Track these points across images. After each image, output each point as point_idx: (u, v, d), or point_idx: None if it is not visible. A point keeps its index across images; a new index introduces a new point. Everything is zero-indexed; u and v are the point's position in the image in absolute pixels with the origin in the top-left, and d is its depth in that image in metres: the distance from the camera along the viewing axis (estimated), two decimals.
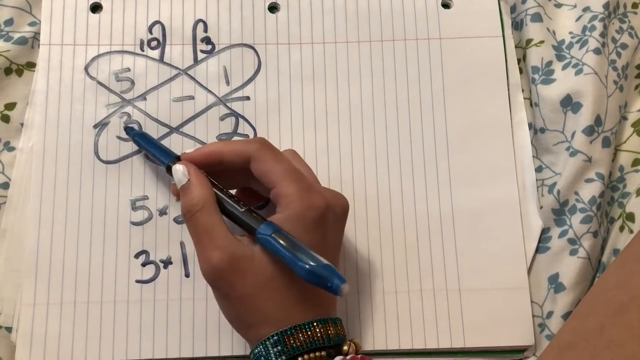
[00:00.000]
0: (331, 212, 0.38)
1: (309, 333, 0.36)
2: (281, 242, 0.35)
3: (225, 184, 0.40)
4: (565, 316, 0.44)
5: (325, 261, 0.34)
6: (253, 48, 0.49)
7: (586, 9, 0.50)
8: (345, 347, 0.37)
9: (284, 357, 0.36)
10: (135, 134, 0.45)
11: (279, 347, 0.36)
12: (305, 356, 0.36)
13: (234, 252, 0.36)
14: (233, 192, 0.42)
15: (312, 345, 0.36)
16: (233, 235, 0.37)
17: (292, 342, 0.36)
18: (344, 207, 0.40)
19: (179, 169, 0.39)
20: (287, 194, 0.37)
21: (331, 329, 0.37)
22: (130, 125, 0.47)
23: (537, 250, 0.46)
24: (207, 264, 0.37)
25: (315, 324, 0.36)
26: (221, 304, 0.39)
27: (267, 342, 0.36)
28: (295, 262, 0.34)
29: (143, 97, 0.48)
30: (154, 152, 0.43)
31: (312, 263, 0.34)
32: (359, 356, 0.36)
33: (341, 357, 0.36)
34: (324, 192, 0.39)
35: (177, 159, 0.41)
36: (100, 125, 0.47)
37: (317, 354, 0.36)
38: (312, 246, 0.36)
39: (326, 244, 0.38)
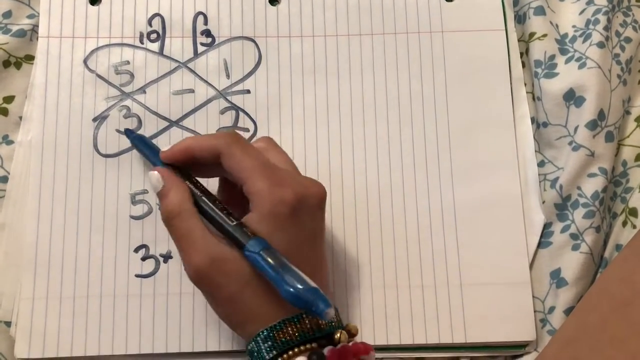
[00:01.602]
0: (304, 204, 0.37)
1: (298, 326, 0.36)
2: (268, 260, 0.35)
3: (206, 175, 0.41)
4: (567, 311, 0.44)
5: (311, 284, 0.34)
6: (253, 41, 0.49)
7: (590, 2, 0.50)
8: (337, 336, 0.36)
9: (274, 352, 0.35)
10: (134, 137, 0.45)
11: (269, 343, 0.36)
12: (296, 349, 0.35)
13: (215, 254, 0.36)
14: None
15: (302, 337, 0.36)
16: (214, 236, 0.37)
17: (281, 336, 0.35)
18: (319, 196, 0.39)
19: (153, 175, 0.39)
20: (256, 191, 0.37)
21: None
22: (128, 128, 0.46)
23: (539, 245, 0.46)
24: (189, 267, 0.37)
25: (304, 315, 0.36)
26: (210, 304, 0.39)
27: (258, 338, 0.36)
28: (281, 284, 0.34)
29: (142, 90, 0.48)
30: (147, 154, 0.43)
31: (298, 286, 0.33)
32: (350, 344, 0.36)
33: (330, 347, 0.35)
34: (296, 184, 0.38)
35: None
36: (100, 119, 0.47)
37: (307, 346, 0.36)
38: (288, 242, 0.36)
39: (302, 237, 0.37)
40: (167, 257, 0.45)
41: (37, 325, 0.44)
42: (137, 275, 0.45)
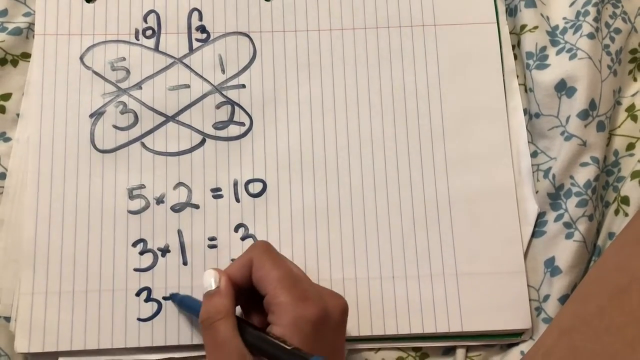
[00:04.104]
0: (329, 319, 0.36)
1: None
2: None
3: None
4: (562, 299, 0.43)
5: None
6: (248, 36, 0.47)
7: None
8: None
9: None
10: (180, 299, 0.43)
11: None
12: None
13: None
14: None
15: None
16: (249, 353, 0.35)
17: None
18: (342, 309, 0.38)
19: (210, 273, 0.38)
20: (280, 302, 0.36)
21: None
22: (172, 293, 0.43)
23: (533, 234, 0.45)
24: None
25: None
26: None
27: None
28: None
29: (139, 86, 0.46)
30: (194, 309, 0.41)
31: None
32: None
33: None
34: (320, 298, 0.37)
35: None
36: (96, 115, 0.46)
37: None
38: None
39: (323, 351, 0.36)
40: (165, 250, 0.44)
41: (36, 320, 0.42)
42: (136, 269, 0.43)
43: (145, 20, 0.47)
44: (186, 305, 0.42)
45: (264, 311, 0.37)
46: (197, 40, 0.47)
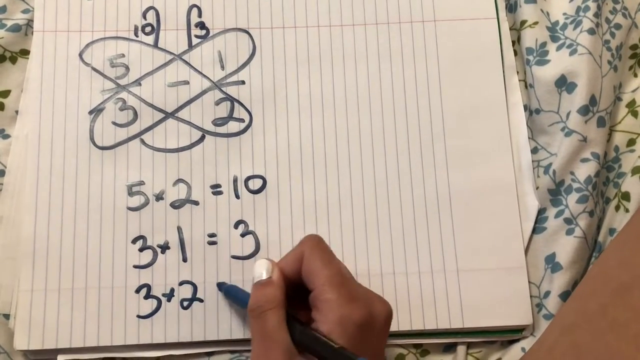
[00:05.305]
0: (373, 323, 0.35)
1: None
2: None
3: None
4: (562, 296, 0.42)
5: None
6: (247, 32, 0.47)
7: None
8: None
9: None
10: (227, 289, 0.42)
11: None
12: None
13: None
14: None
15: None
16: (295, 346, 0.35)
17: None
18: (387, 315, 0.37)
19: (263, 262, 0.37)
20: (327, 299, 0.35)
21: None
22: (219, 282, 0.42)
23: (534, 230, 0.44)
24: None
25: None
26: None
27: None
28: None
29: (138, 82, 0.45)
30: (242, 298, 0.40)
31: None
32: None
33: None
34: (367, 301, 0.36)
35: None
36: (96, 111, 0.45)
37: None
38: None
39: (367, 356, 0.34)
40: (164, 247, 0.43)
41: (36, 317, 0.41)
42: (135, 266, 0.43)
43: (144, 16, 0.46)
44: (233, 295, 0.41)
45: (307, 307, 0.37)
46: (197, 36, 0.46)
